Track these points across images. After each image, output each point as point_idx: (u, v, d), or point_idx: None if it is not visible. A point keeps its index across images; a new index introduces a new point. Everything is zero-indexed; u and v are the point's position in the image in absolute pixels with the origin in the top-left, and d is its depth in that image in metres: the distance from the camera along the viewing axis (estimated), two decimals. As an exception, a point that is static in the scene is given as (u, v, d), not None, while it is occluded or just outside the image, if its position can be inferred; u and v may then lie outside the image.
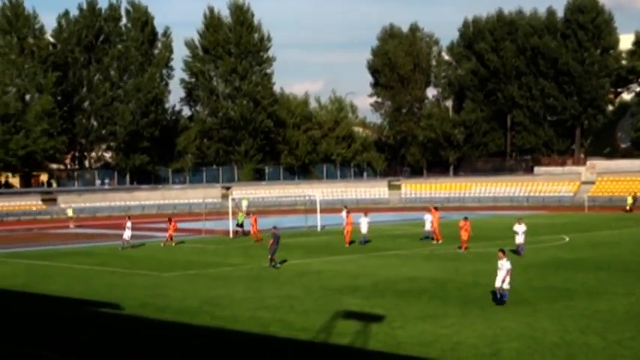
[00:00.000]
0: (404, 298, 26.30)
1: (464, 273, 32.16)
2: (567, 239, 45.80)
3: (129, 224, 46.56)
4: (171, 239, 47.02)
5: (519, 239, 37.82)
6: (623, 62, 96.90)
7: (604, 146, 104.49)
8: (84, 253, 44.50)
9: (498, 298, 24.34)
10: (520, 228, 37.95)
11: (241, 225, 52.14)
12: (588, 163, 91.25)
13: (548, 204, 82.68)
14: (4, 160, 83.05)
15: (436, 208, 47.91)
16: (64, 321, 24.18)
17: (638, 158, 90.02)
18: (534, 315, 22.66)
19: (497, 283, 24.42)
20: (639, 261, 35.02)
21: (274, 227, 36.78)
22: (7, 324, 23.79)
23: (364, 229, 45.24)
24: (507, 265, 24.42)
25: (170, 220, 48.34)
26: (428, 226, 46.12)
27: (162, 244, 46.54)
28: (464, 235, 40.58)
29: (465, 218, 41.49)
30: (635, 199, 73.60)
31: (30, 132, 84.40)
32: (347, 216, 46.12)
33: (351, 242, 44.71)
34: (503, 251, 25.11)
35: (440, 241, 44.54)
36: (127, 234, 45.89)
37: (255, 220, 49.18)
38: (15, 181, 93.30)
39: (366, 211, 51.08)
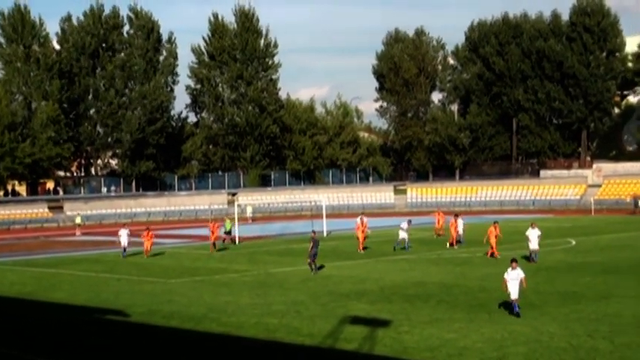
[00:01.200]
0: (411, 302, 26.25)
1: (471, 277, 32.10)
2: (574, 243, 45.66)
3: (125, 231, 45.66)
4: (147, 250, 44.36)
5: (533, 245, 36.33)
6: (629, 65, 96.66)
7: (610, 149, 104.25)
8: (91, 260, 44.54)
9: (514, 309, 23.21)
10: (533, 233, 36.46)
11: (229, 232, 51.78)
12: (595, 166, 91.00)
13: (555, 207, 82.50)
14: (11, 168, 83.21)
15: (457, 215, 47.69)
16: (71, 328, 24.20)
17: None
18: (541, 319, 22.58)
19: (515, 295, 23.24)
20: (647, 264, 34.92)
21: (313, 232, 36.88)
22: (14, 332, 23.81)
23: (404, 234, 43.91)
24: (522, 275, 23.57)
25: (147, 230, 45.77)
26: (460, 231, 45.96)
27: (145, 257, 44.17)
28: (493, 242, 38.78)
29: (495, 222, 40.12)
30: (636, 201, 73.13)
31: (36, 140, 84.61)
32: (360, 222, 45.12)
33: (365, 248, 44.02)
34: (515, 260, 24.25)
35: (454, 246, 44.48)
36: (125, 241, 45.22)
37: (215, 228, 47.37)
38: (22, 189, 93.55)
39: (410, 218, 49.69)
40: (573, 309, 24.15)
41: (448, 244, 45.04)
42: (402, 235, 43.99)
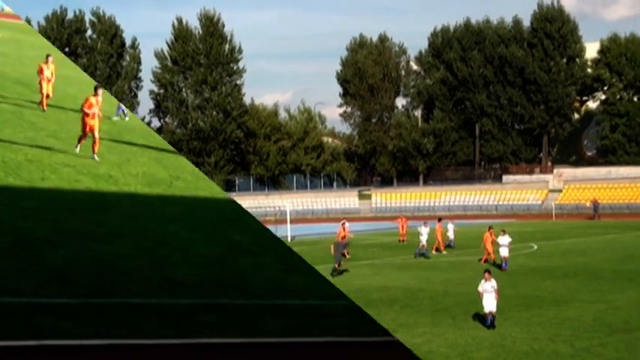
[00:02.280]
0: (375, 307, 26.35)
1: (435, 282, 32.35)
2: (535, 247, 46.12)
3: None
4: None
5: (504, 252, 35.91)
6: (589, 71, 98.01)
7: (570, 154, 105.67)
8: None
9: (489, 323, 22.45)
10: (504, 240, 36.10)
11: None
12: (555, 171, 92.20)
13: (517, 212, 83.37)
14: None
15: (440, 219, 47.37)
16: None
17: (603, 166, 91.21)
18: (504, 323, 22.83)
19: (490, 308, 22.35)
20: (606, 268, 35.36)
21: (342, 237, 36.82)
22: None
23: (424, 238, 42.61)
24: (496, 287, 22.95)
25: None
26: (451, 235, 45.98)
27: None
28: (490, 247, 37.92)
29: (490, 227, 39.39)
30: (595, 205, 74.19)
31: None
32: (341, 228, 44.03)
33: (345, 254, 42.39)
34: (489, 272, 23.69)
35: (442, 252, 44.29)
36: None
37: None
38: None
39: (425, 220, 48.11)
40: (535, 313, 24.46)
41: (434, 250, 44.02)
42: (423, 240, 42.44)
